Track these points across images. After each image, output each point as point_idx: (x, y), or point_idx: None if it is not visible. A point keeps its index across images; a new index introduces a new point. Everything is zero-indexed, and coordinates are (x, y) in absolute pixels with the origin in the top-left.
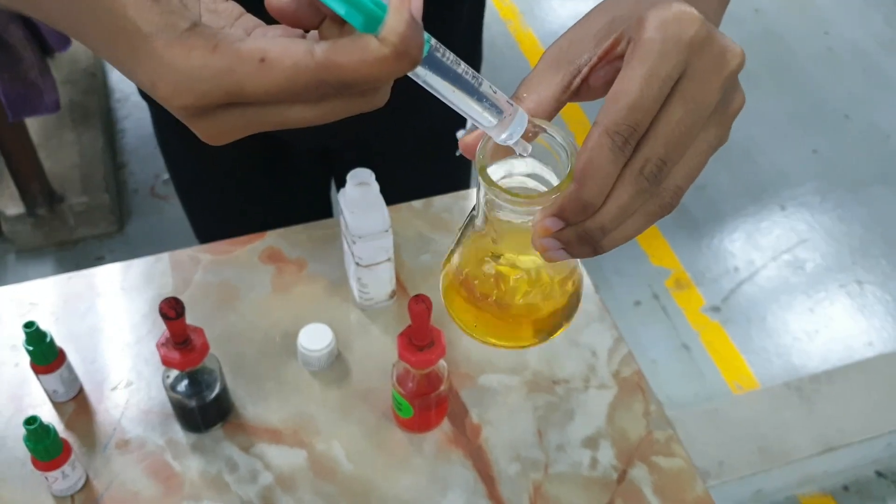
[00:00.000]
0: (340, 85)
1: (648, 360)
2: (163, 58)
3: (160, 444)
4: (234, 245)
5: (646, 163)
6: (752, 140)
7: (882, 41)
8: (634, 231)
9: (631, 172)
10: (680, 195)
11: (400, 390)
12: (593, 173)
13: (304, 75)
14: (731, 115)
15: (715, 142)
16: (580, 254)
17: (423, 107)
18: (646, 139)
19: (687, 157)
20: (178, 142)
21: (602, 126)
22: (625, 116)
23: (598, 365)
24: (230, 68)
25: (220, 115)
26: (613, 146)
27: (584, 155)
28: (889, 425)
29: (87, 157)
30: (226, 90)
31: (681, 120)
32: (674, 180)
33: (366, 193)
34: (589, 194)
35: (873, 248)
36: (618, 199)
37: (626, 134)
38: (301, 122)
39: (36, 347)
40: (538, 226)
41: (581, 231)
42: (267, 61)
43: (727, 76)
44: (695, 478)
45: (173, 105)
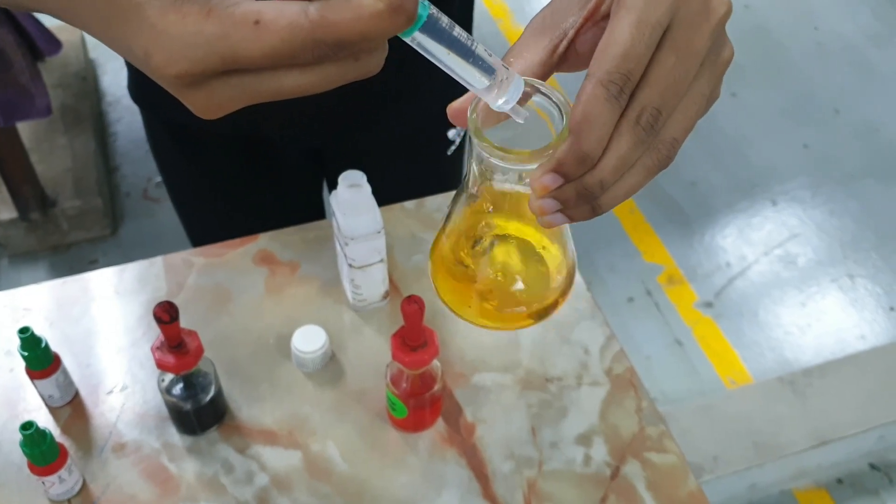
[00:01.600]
0: (336, 44)
1: (642, 356)
2: (156, 26)
3: (156, 447)
4: (226, 248)
5: (641, 112)
6: (742, 135)
7: (871, 35)
8: (633, 187)
9: (627, 122)
10: (677, 147)
11: (394, 390)
12: (590, 124)
13: (300, 35)
14: (721, 66)
15: (708, 91)
16: (578, 215)
17: (413, 107)
18: (640, 88)
19: (681, 107)
20: (170, 145)
21: (595, 77)
22: (617, 65)
23: (591, 362)
24: (224, 33)
25: (215, 84)
26: (609, 96)
27: (578, 107)
28: (882, 418)
29: (79, 160)
30: (221, 55)
31: (673, 67)
32: (670, 132)
33: (358, 195)
34: (587, 146)
35: (864, 241)
36: (616, 151)
37: (621, 83)
38: (296, 90)
39: (31, 353)
40: (536, 183)
41: (580, 187)
42: (261, 24)
43: (716, 24)
44: (687, 473)
45: (168, 74)
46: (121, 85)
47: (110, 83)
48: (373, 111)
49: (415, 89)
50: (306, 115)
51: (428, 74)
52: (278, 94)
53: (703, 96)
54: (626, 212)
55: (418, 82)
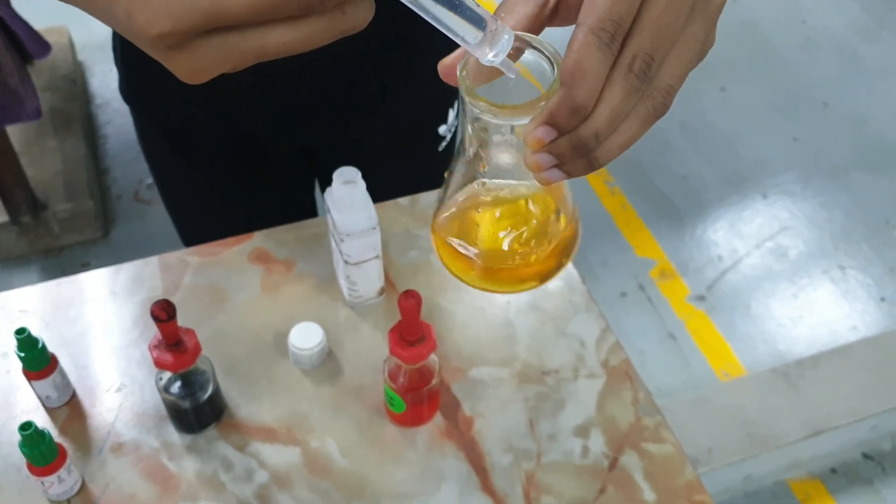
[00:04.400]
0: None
1: (636, 350)
2: None
3: (155, 446)
4: (221, 247)
5: (634, 59)
6: (732, 129)
7: (858, 28)
8: (629, 138)
9: (620, 71)
10: (672, 95)
11: (392, 385)
12: (582, 74)
13: None
14: (714, 9)
15: (702, 36)
16: (575, 169)
17: (404, 103)
18: (631, 35)
19: (675, 52)
20: (161, 145)
21: (586, 25)
22: (608, 11)
23: (587, 355)
24: None
25: (199, 44)
26: (600, 44)
27: (570, 57)
28: (874, 408)
29: (69, 163)
30: (204, 11)
31: (664, 11)
32: (664, 79)
33: (352, 192)
34: (580, 96)
35: (854, 233)
36: (610, 101)
37: (612, 30)
38: (281, 48)
39: (28, 354)
40: (530, 137)
41: (575, 140)
42: None
43: None
44: (685, 463)
45: (151, 34)
46: (110, 87)
47: (99, 85)
48: (363, 108)
49: (405, 85)
50: (297, 112)
51: (418, 71)
52: (263, 54)
53: (697, 41)
54: (618, 207)
55: (408, 79)
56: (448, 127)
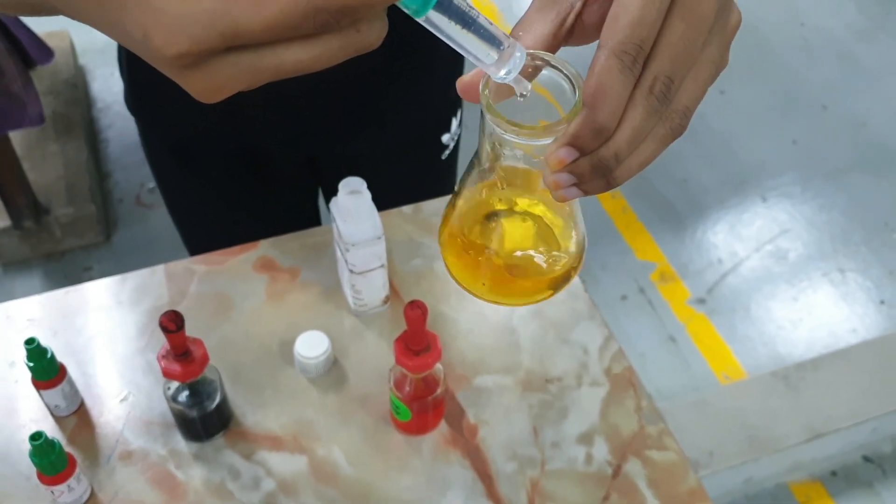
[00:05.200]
0: (338, 10)
1: (636, 353)
2: (153, 4)
3: (163, 455)
4: (227, 255)
5: (654, 81)
6: (731, 132)
7: (856, 30)
8: (647, 158)
9: (641, 93)
10: (689, 116)
11: (397, 394)
12: (605, 96)
13: (301, 4)
14: (730, 32)
15: (717, 58)
16: (594, 188)
17: (407, 113)
18: (651, 57)
19: (692, 75)
20: (166, 155)
21: (608, 48)
22: (630, 35)
23: (590, 362)
24: (224, 7)
25: (215, 63)
26: (622, 66)
27: (592, 79)
28: (875, 410)
29: (71, 168)
30: (220, 31)
31: (683, 34)
32: (682, 101)
33: (358, 202)
34: (603, 118)
35: (853, 235)
36: (631, 122)
37: (634, 52)
38: (297, 66)
39: (37, 363)
40: (552, 157)
41: (595, 160)
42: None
43: None
44: (687, 470)
45: (167, 55)
46: (111, 91)
47: (100, 89)
48: (368, 119)
49: (408, 96)
50: (302, 125)
51: (421, 82)
52: (279, 72)
53: (713, 63)
54: (618, 210)
55: (412, 89)
56: (451, 136)
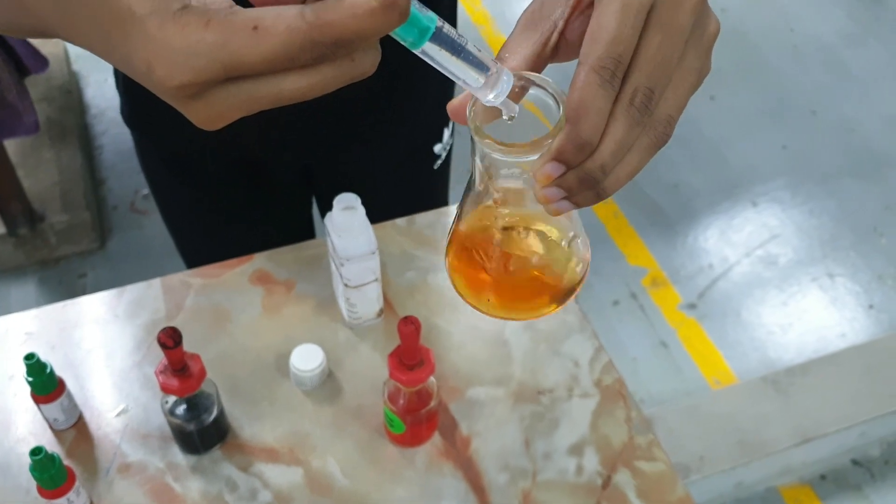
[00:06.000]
0: (334, 43)
1: (628, 358)
2: (156, 38)
3: (161, 467)
4: (223, 268)
5: (635, 93)
6: (722, 138)
7: (845, 35)
8: (633, 168)
9: (622, 105)
10: (672, 125)
11: (391, 407)
12: (586, 111)
13: (298, 38)
14: (708, 41)
15: (697, 66)
16: (584, 200)
17: (399, 123)
18: (630, 71)
19: (673, 84)
20: (162, 167)
21: (587, 64)
22: (607, 50)
23: (581, 374)
24: (225, 40)
25: (216, 93)
26: (602, 81)
27: (574, 94)
28: (863, 415)
29: (66, 174)
30: (222, 63)
31: (660, 46)
32: (664, 110)
33: (352, 217)
34: (585, 132)
35: (843, 240)
36: (614, 134)
37: (613, 67)
38: (296, 94)
39: (36, 378)
40: (539, 173)
41: (582, 173)
42: (260, 29)
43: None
44: (676, 480)
45: (170, 86)
46: (105, 97)
47: (94, 95)
48: (361, 132)
49: (400, 107)
50: (297, 137)
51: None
52: (278, 100)
53: (694, 71)
54: (610, 215)
55: (404, 100)
56: (443, 145)
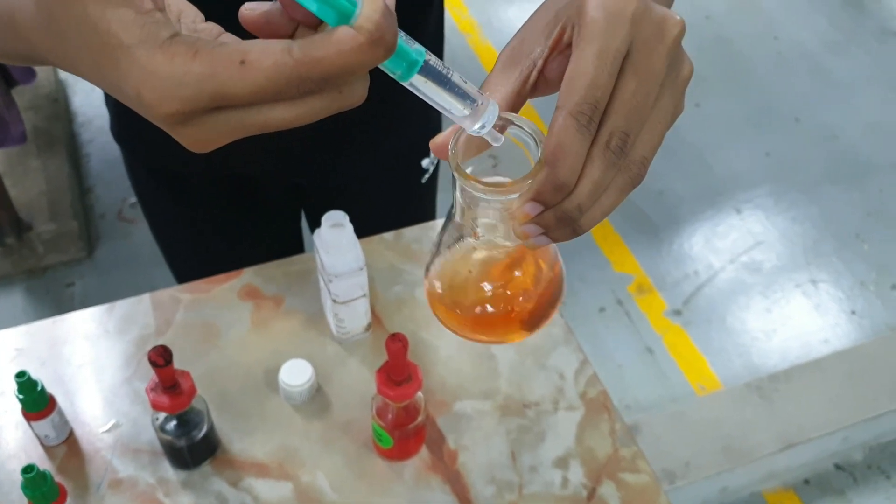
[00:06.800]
0: (320, 79)
1: (614, 364)
2: (146, 67)
3: (151, 483)
4: (212, 283)
5: (611, 137)
6: (706, 144)
7: (828, 43)
8: (609, 207)
9: (598, 148)
10: (646, 165)
11: (380, 423)
12: (564, 154)
13: (285, 73)
14: (682, 83)
15: (672, 108)
16: (561, 236)
17: (388, 139)
18: (607, 115)
19: (647, 127)
20: (151, 182)
21: (565, 109)
22: (584, 96)
23: (566, 387)
24: (212, 72)
25: (205, 120)
26: (579, 126)
27: (552, 138)
28: (846, 420)
29: (53, 183)
30: (209, 94)
31: (636, 91)
32: (639, 152)
33: (340, 234)
34: (562, 175)
35: (825, 246)
36: (590, 177)
37: (589, 112)
38: (283, 123)
39: (27, 396)
40: (518, 212)
41: (560, 213)
42: (247, 63)
43: (671, 45)
44: (659, 492)
45: (159, 113)
46: (93, 105)
47: (81, 104)
48: (350, 147)
49: (389, 122)
50: (285, 153)
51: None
52: (265, 128)
53: (668, 113)
54: None
55: (391, 115)
56: (431, 160)
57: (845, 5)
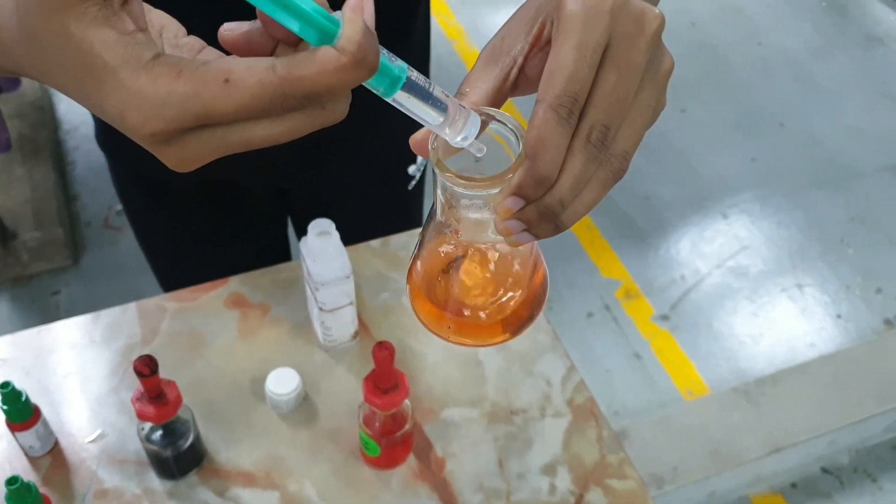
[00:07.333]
0: (304, 97)
1: (602, 370)
2: (129, 87)
3: (137, 493)
4: (198, 292)
5: (591, 130)
6: (692, 150)
7: (812, 48)
8: (591, 201)
9: (579, 142)
10: (628, 159)
11: (367, 431)
12: (544, 147)
13: (269, 91)
14: (663, 77)
15: (653, 102)
16: (543, 232)
17: (373, 145)
18: (587, 108)
19: (628, 120)
20: (137, 190)
21: (545, 102)
22: (564, 89)
23: (553, 394)
24: (196, 91)
25: (188, 139)
26: (559, 118)
27: (532, 132)
28: (832, 424)
29: (38, 191)
30: (194, 113)
31: (616, 85)
32: (620, 145)
33: (327, 242)
34: (543, 168)
35: (810, 250)
36: (571, 170)
37: (569, 105)
38: (266, 140)
39: (11, 407)
40: (499, 207)
41: (542, 207)
42: (231, 81)
43: (651, 37)
44: (646, 499)
45: (143, 133)
46: (78, 112)
47: (67, 111)
48: (335, 152)
49: (374, 129)
50: (270, 158)
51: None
52: (249, 145)
53: (649, 107)
54: (584, 228)
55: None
56: (417, 167)
57: (830, 11)
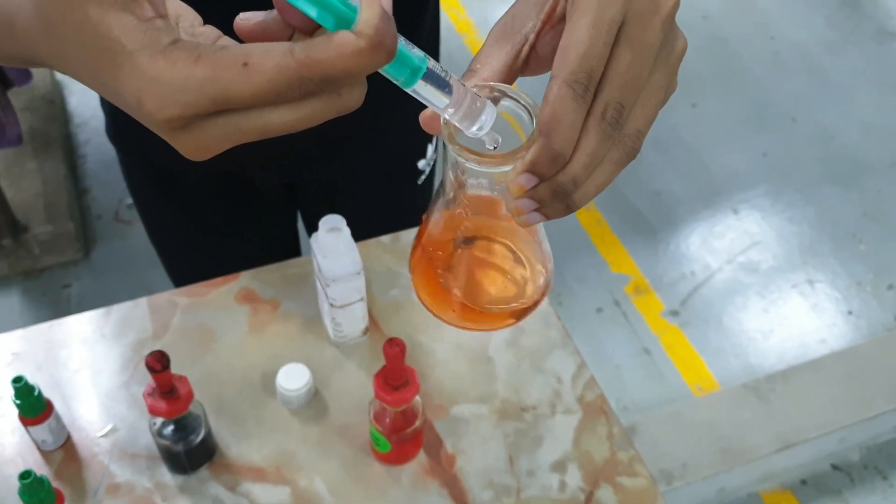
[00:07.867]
0: (321, 80)
1: (612, 365)
2: (147, 72)
3: (149, 487)
4: (209, 287)
5: (606, 108)
6: (703, 145)
7: (824, 42)
8: (603, 182)
9: (593, 119)
10: (641, 139)
11: (377, 427)
12: (559, 124)
13: (287, 75)
14: (676, 58)
15: (665, 83)
16: (554, 212)
17: (383, 139)
18: (602, 86)
19: (642, 100)
20: (147, 185)
21: (560, 78)
22: (580, 65)
23: (563, 390)
24: (214, 76)
25: (204, 125)
26: (574, 95)
27: (547, 108)
28: (842, 420)
29: (49, 185)
30: (211, 98)
31: (630, 63)
32: (633, 125)
33: (337, 238)
34: (558, 144)
35: (822, 246)
36: (585, 147)
37: (585, 81)
38: (283, 127)
39: (24, 401)
40: (513, 184)
41: (554, 185)
42: (249, 65)
43: (665, 17)
44: (656, 496)
45: (160, 119)
46: (89, 105)
47: (78, 104)
48: (345, 146)
49: (384, 124)
50: (280, 151)
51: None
52: (265, 132)
53: (661, 88)
54: (593, 223)
55: (388, 116)
56: (427, 161)
57: (842, 5)
